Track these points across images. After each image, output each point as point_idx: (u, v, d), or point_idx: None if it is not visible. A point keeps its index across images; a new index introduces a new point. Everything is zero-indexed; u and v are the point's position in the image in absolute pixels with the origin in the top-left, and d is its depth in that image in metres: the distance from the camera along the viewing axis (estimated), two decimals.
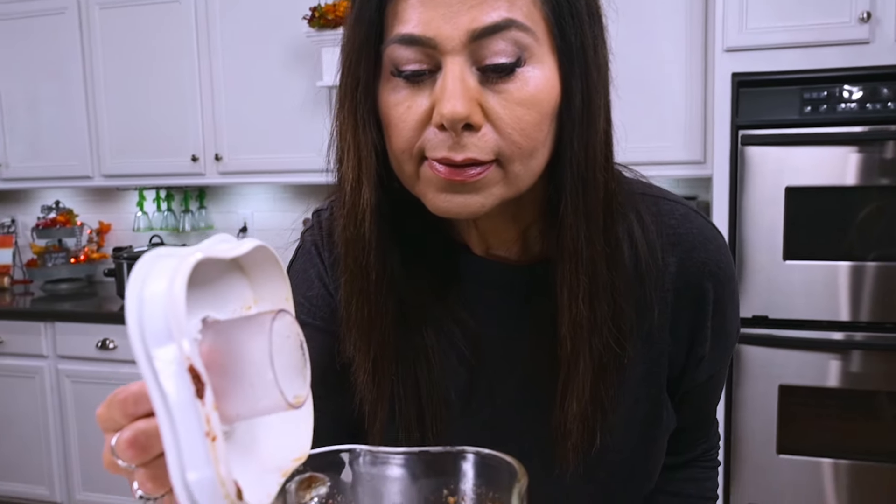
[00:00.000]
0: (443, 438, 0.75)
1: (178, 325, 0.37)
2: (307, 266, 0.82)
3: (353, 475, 0.51)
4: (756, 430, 2.28)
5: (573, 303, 0.68)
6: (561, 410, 0.71)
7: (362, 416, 0.76)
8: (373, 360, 0.71)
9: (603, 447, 0.73)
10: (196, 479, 0.37)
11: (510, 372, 0.77)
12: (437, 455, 0.51)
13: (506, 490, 0.48)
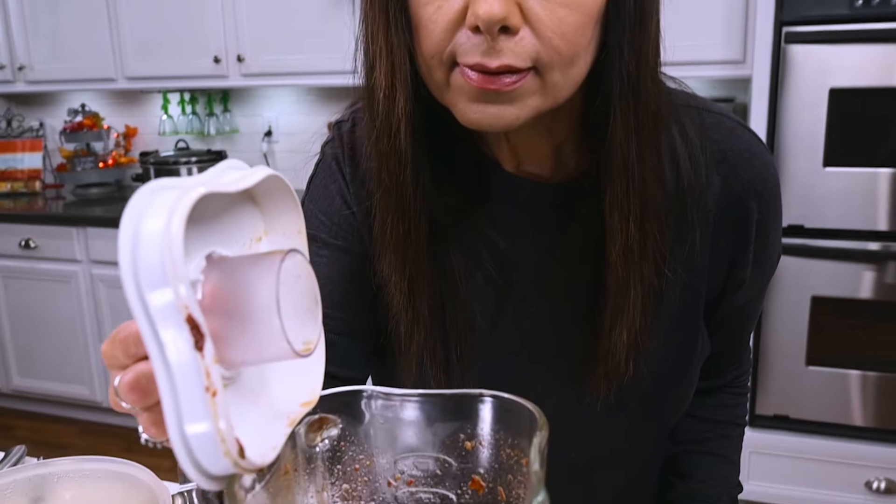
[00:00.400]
0: (467, 361, 0.73)
1: (175, 270, 0.34)
2: (328, 182, 0.79)
3: (365, 417, 0.50)
4: (786, 341, 2.26)
5: (624, 226, 0.64)
6: (609, 340, 0.69)
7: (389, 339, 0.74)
8: (408, 281, 0.69)
9: (636, 375, 0.71)
10: (195, 432, 0.35)
11: (539, 295, 0.74)
12: (454, 398, 0.48)
13: (525, 437, 0.46)
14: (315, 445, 0.49)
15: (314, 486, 0.49)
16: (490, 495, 0.49)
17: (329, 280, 0.76)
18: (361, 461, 0.51)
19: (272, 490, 0.43)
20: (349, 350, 0.77)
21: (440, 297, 0.71)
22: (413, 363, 0.72)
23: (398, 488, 0.50)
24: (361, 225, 0.75)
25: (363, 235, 0.75)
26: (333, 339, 0.76)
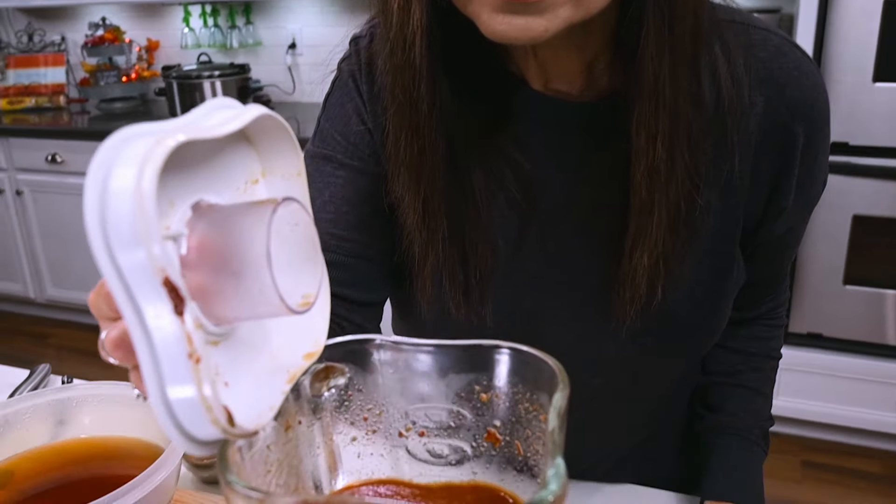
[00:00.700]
0: (487, 284, 0.70)
1: (149, 229, 0.30)
2: (344, 100, 0.75)
3: (374, 367, 0.47)
4: (823, 259, 2.20)
5: (651, 146, 0.60)
6: (629, 262, 0.66)
7: (406, 260, 0.72)
8: (423, 200, 0.66)
9: (665, 302, 0.68)
10: (178, 398, 0.33)
11: (565, 218, 0.71)
12: (469, 349, 0.45)
13: (544, 392, 0.43)
14: (321, 395, 0.46)
15: (321, 438, 0.47)
16: (506, 449, 0.46)
17: (345, 201, 0.74)
18: (371, 411, 0.48)
19: (273, 449, 0.41)
20: (366, 273, 0.75)
21: (460, 218, 0.69)
22: (427, 284, 0.71)
23: (410, 439, 0.48)
24: (378, 143, 0.72)
25: (380, 155, 0.72)
26: (349, 261, 0.74)
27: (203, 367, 0.32)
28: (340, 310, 0.73)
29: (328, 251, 0.73)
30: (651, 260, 0.65)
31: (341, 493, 0.47)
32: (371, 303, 0.77)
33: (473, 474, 0.47)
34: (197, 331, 0.32)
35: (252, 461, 0.38)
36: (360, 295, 0.74)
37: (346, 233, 0.73)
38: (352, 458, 0.48)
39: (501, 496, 0.46)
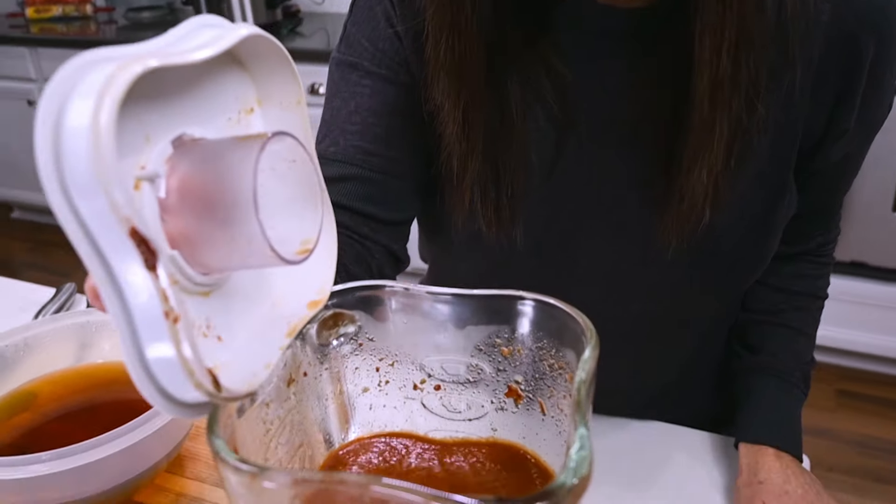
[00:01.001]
0: (519, 203, 0.66)
1: (107, 174, 0.26)
2: (373, 2, 0.69)
3: (387, 315, 0.43)
4: (872, 186, 2.10)
5: (715, 57, 0.55)
6: (686, 180, 0.61)
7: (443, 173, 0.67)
8: (463, 109, 0.62)
9: (712, 226, 0.64)
10: (156, 358, 0.29)
11: (607, 133, 0.66)
12: (490, 299, 0.41)
13: (571, 349, 0.39)
14: (328, 344, 0.43)
15: (331, 388, 0.43)
16: (528, 406, 0.42)
17: (371, 113, 0.69)
18: (383, 362, 0.44)
19: (272, 406, 0.37)
20: (393, 189, 0.71)
21: (494, 131, 0.64)
22: (466, 198, 0.67)
23: (425, 392, 0.44)
24: (409, 51, 0.67)
25: (410, 63, 0.67)
26: (375, 177, 0.69)
27: (182, 327, 0.28)
28: (365, 229, 0.69)
29: (353, 165, 0.68)
30: (710, 178, 0.61)
31: (352, 444, 0.44)
32: (397, 221, 0.73)
33: (493, 431, 0.44)
34: (173, 287, 0.28)
35: (248, 421, 0.35)
36: (386, 213, 0.70)
37: (373, 146, 0.69)
38: (363, 409, 0.45)
39: (522, 455, 0.43)
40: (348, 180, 0.69)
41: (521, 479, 0.41)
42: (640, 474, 0.76)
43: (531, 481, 0.41)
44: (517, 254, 0.72)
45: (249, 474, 0.29)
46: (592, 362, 0.36)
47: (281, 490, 0.29)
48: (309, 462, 0.41)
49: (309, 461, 0.41)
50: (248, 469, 0.29)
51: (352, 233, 0.68)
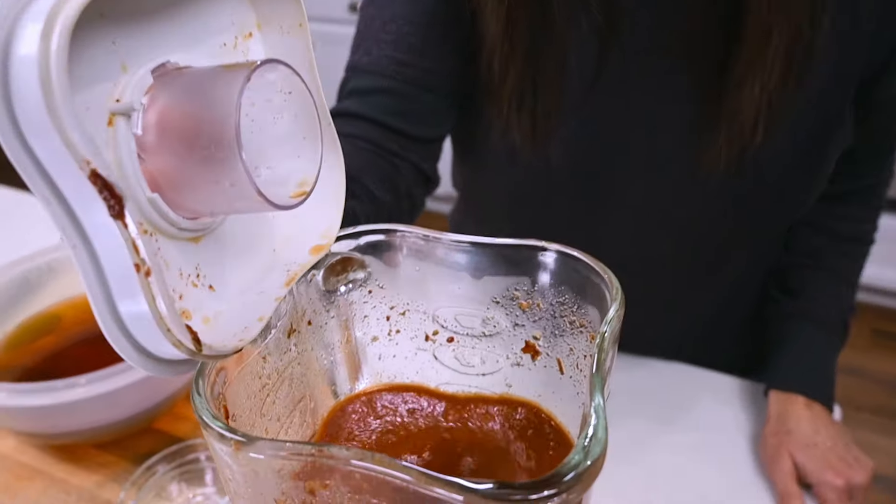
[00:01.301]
0: (555, 116, 0.63)
1: (59, 109, 0.22)
2: None
3: (399, 262, 0.40)
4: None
5: None
6: (736, 95, 0.58)
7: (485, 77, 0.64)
8: (507, 7, 0.59)
9: (760, 155, 0.60)
10: (130, 312, 0.26)
11: (655, 46, 0.62)
12: (510, 248, 0.37)
13: (594, 307, 0.35)
14: (336, 290, 0.40)
15: (339, 336, 0.41)
16: (546, 364, 0.39)
17: (407, 21, 0.65)
18: (394, 310, 0.42)
19: (269, 360, 0.35)
20: (426, 103, 0.67)
21: (535, 38, 0.61)
22: (503, 107, 0.65)
23: (437, 344, 0.42)
24: None
25: None
26: (408, 90, 0.66)
27: (156, 281, 0.26)
28: (394, 145, 0.66)
29: (386, 77, 0.65)
30: (763, 94, 0.57)
31: (359, 396, 0.42)
32: (429, 139, 0.70)
33: (507, 387, 0.41)
34: (143, 237, 0.25)
35: (241, 376, 0.33)
36: (417, 129, 0.67)
37: (408, 56, 0.65)
38: (372, 359, 0.42)
39: (537, 413, 0.40)
40: (379, 93, 0.65)
41: (535, 438, 0.39)
42: (664, 415, 0.74)
43: (545, 442, 0.39)
44: (551, 176, 0.68)
45: (234, 443, 0.27)
46: (616, 323, 0.33)
47: (269, 461, 0.26)
48: (311, 416, 0.39)
49: (311, 415, 0.39)
50: (233, 437, 0.27)
51: (380, 149, 0.65)
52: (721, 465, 0.68)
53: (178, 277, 0.30)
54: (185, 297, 0.30)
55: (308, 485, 0.27)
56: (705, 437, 0.71)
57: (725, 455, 0.70)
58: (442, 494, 0.25)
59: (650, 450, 0.69)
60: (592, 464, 0.26)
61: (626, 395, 0.75)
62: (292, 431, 0.37)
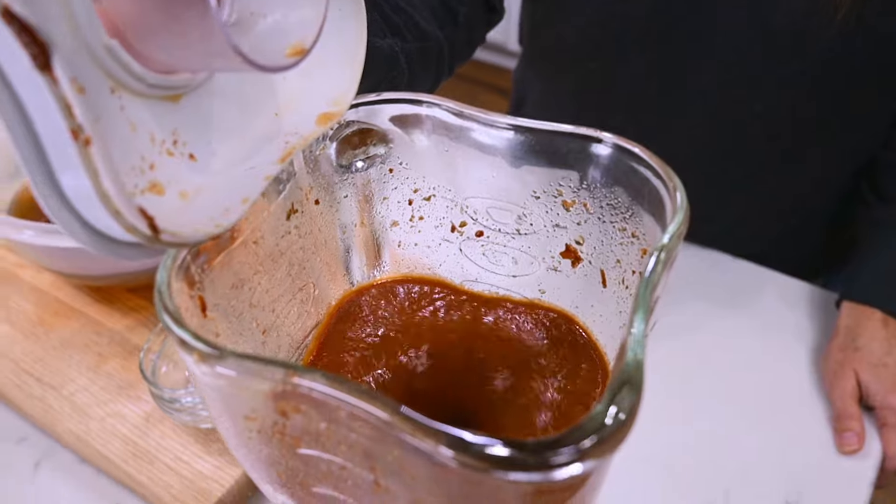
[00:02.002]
0: None
1: None
2: None
3: (426, 139, 0.34)
4: None
5: None
6: None
7: None
8: None
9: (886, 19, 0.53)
10: (73, 186, 0.22)
11: None
12: (558, 135, 0.31)
13: (652, 216, 0.29)
14: (351, 166, 0.34)
15: (351, 220, 0.36)
16: (587, 272, 0.34)
17: None
18: (418, 194, 0.36)
19: (262, 243, 0.30)
20: None
21: None
22: None
23: (465, 237, 0.36)
24: None
25: None
26: None
27: (98, 152, 0.20)
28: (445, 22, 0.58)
29: None
30: None
31: (372, 287, 0.38)
32: None
33: (540, 293, 0.36)
34: (78, 96, 0.20)
35: (227, 261, 0.28)
36: None
37: None
38: (390, 246, 0.37)
39: (570, 324, 0.35)
40: None
41: (566, 353, 0.34)
42: (721, 310, 0.68)
43: (577, 359, 0.34)
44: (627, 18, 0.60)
45: (198, 354, 0.22)
46: (676, 242, 0.26)
47: (240, 379, 0.22)
48: (314, 305, 0.34)
49: (314, 304, 0.34)
50: (200, 349, 0.23)
51: None
52: (775, 375, 0.63)
53: (149, 143, 0.25)
54: (157, 167, 0.25)
55: (279, 406, 0.23)
56: (761, 342, 0.66)
57: (781, 364, 0.64)
58: (424, 447, 0.20)
59: (699, 344, 0.65)
60: (619, 428, 0.21)
61: (684, 284, 0.70)
62: (289, 322, 0.32)
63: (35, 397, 0.58)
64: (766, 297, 0.71)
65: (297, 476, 0.25)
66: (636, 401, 0.21)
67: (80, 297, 0.69)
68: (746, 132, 0.68)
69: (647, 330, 0.24)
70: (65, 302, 0.68)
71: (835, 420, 0.59)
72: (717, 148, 0.70)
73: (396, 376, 0.32)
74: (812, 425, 0.60)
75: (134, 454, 0.54)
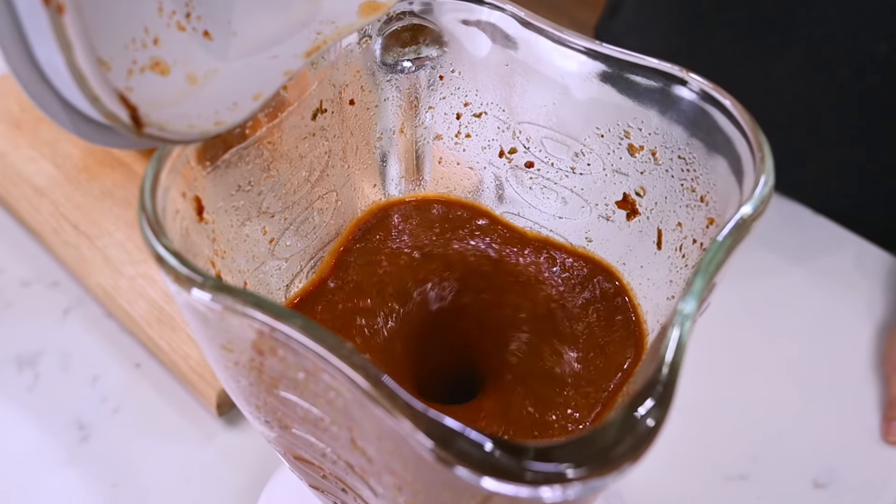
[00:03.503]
0: None
1: None
2: None
3: (484, 48, 0.29)
4: None
5: None
6: None
7: None
8: None
9: None
10: (47, 59, 0.19)
11: None
12: (637, 69, 0.26)
13: (728, 178, 0.25)
14: (396, 65, 0.30)
15: (391, 126, 0.32)
16: (641, 227, 0.30)
17: None
18: (467, 110, 0.32)
19: (284, 145, 0.27)
20: None
21: None
22: None
23: (512, 165, 0.32)
24: None
25: None
26: None
27: (72, 22, 0.17)
28: None
29: None
30: None
31: (404, 203, 0.34)
32: None
33: (587, 241, 0.32)
34: None
35: (233, 161, 0.25)
36: None
37: None
38: (430, 161, 0.33)
39: (614, 283, 0.31)
40: None
41: (601, 316, 0.31)
42: (788, 266, 0.63)
43: (611, 325, 0.30)
44: None
45: (174, 274, 0.20)
46: (752, 222, 0.22)
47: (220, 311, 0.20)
48: (334, 216, 0.31)
49: (335, 214, 0.31)
50: (184, 274, 0.20)
51: None
52: (832, 345, 0.59)
53: (156, 13, 0.22)
54: (161, 43, 0.22)
55: (256, 342, 0.20)
56: (826, 307, 0.61)
57: (841, 335, 0.60)
58: (400, 428, 0.17)
59: (757, 297, 0.61)
60: (639, 441, 0.18)
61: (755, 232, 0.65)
62: (303, 233, 0.29)
63: (70, 244, 0.58)
64: (841, 261, 0.65)
65: (275, 413, 0.23)
66: (662, 416, 0.18)
67: (129, 151, 0.68)
68: (867, 72, 0.61)
69: (698, 312, 0.21)
70: (111, 152, 0.67)
71: (886, 406, 0.55)
72: (830, 83, 0.63)
73: (410, 312, 0.30)
74: (859, 406, 0.56)
75: (158, 319, 0.54)
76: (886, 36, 0.59)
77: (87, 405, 0.51)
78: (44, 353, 0.54)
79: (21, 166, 0.63)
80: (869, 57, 0.60)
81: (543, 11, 0.28)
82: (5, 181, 0.62)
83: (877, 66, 0.61)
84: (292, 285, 0.30)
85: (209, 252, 0.25)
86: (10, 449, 0.49)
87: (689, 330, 0.19)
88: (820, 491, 0.50)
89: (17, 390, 0.52)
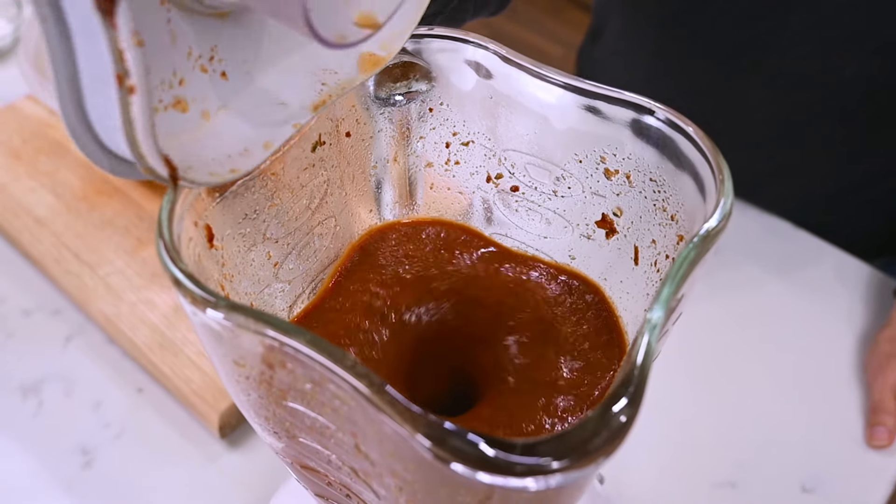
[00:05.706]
0: None
1: None
2: None
3: (471, 83, 0.31)
4: None
5: None
6: None
7: None
8: None
9: None
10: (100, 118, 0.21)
11: None
12: (610, 100, 0.29)
13: (693, 200, 0.27)
14: (389, 99, 0.33)
15: (385, 155, 0.34)
16: (619, 246, 0.32)
17: None
18: (456, 139, 0.34)
19: (286, 176, 0.29)
20: None
21: None
22: None
23: (499, 189, 0.35)
24: None
25: None
26: None
27: (139, 101, 0.19)
28: None
29: None
30: None
31: (401, 225, 0.36)
32: None
33: (570, 259, 0.34)
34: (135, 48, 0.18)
35: (240, 193, 0.27)
36: None
37: None
38: (422, 187, 0.36)
39: (597, 296, 0.33)
40: None
41: (586, 324, 0.33)
42: (770, 278, 0.66)
43: (596, 332, 0.32)
44: None
45: (191, 296, 0.22)
46: (712, 241, 0.24)
47: (232, 329, 0.22)
48: (333, 240, 0.33)
49: (334, 239, 0.33)
50: (199, 296, 0.22)
51: None
52: (815, 354, 0.61)
53: (185, 58, 0.24)
54: (186, 83, 0.24)
55: (266, 357, 0.22)
56: (807, 318, 0.63)
57: (824, 344, 0.62)
58: (402, 432, 0.19)
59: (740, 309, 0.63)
60: (613, 436, 0.20)
61: (737, 246, 0.67)
62: (304, 257, 0.32)
63: (71, 273, 0.60)
64: (822, 272, 0.68)
65: (283, 423, 0.25)
66: (633, 413, 0.20)
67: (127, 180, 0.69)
68: (839, 92, 0.63)
69: (662, 326, 0.23)
70: (110, 181, 0.69)
71: (870, 412, 0.57)
72: (804, 102, 0.66)
73: (406, 329, 0.32)
74: (844, 412, 0.58)
75: (160, 344, 0.56)
76: (854, 59, 0.61)
77: (91, 431, 0.53)
78: (47, 381, 0.55)
79: (21, 197, 0.65)
80: (839, 78, 0.63)
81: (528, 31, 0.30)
82: (6, 212, 0.64)
83: (847, 86, 0.64)
84: (295, 306, 0.32)
85: (218, 276, 0.27)
86: (15, 475, 0.50)
87: (657, 336, 0.21)
88: (807, 496, 0.52)
89: (22, 417, 0.53)
